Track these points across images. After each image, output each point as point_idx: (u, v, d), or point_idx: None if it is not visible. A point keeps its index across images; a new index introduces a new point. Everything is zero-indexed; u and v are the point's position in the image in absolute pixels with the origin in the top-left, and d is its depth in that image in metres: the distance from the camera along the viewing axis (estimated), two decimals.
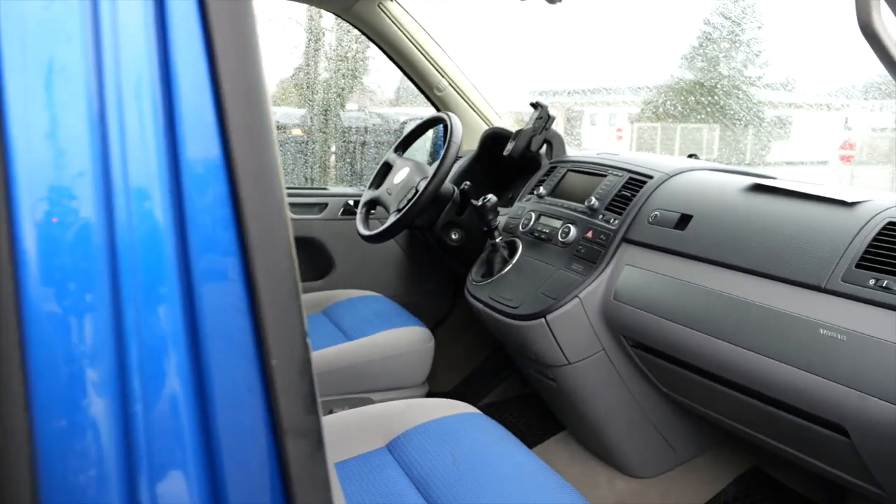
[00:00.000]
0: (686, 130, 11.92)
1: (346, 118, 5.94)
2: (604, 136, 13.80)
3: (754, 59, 13.47)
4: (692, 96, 11.38)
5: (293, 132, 5.69)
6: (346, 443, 1.34)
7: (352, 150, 5.05)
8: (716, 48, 12.61)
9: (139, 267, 0.45)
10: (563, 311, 1.53)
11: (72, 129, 0.43)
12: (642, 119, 13.57)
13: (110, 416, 0.45)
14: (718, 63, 13.06)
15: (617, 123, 14.21)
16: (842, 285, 1.11)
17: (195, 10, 0.48)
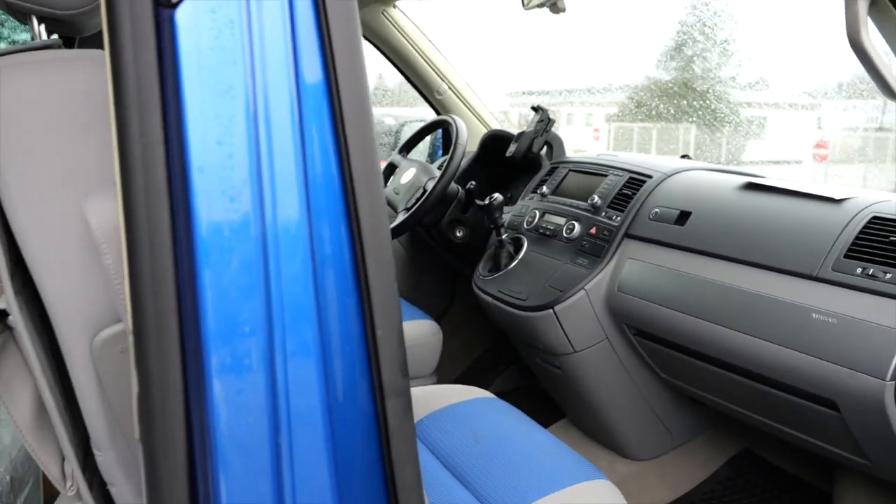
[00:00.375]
0: (662, 131, 12.12)
1: None
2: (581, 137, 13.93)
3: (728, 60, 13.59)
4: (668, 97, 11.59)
5: None
6: None
7: None
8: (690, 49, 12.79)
9: (282, 252, 0.55)
10: (570, 303, 1.64)
11: (236, 138, 0.52)
12: (619, 119, 13.76)
13: (262, 373, 0.55)
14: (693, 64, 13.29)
15: (594, 123, 14.34)
16: (832, 274, 1.23)
17: (317, 44, 0.57)
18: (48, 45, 0.80)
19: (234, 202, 0.53)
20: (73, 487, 0.78)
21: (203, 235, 0.52)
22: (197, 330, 0.52)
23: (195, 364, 0.53)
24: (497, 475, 1.23)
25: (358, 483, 0.62)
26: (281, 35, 0.55)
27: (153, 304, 0.53)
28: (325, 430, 0.58)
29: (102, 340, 0.72)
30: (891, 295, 1.14)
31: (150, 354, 0.54)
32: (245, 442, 0.54)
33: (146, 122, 0.53)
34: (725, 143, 11.40)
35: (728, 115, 10.93)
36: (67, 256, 0.70)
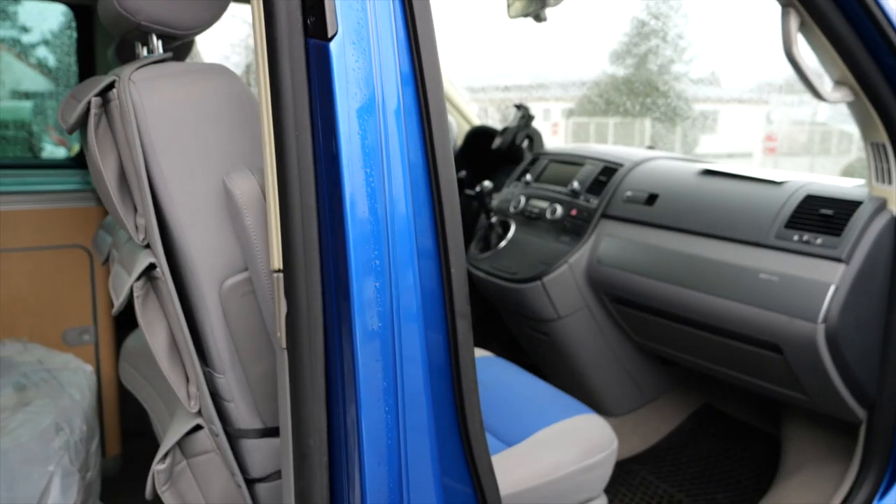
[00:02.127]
0: (619, 125, 12.48)
1: None
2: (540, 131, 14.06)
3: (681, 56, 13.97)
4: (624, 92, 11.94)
5: None
6: None
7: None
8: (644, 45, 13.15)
9: (395, 210, 0.80)
10: (556, 275, 1.91)
11: (368, 129, 0.77)
12: (576, 114, 14.07)
13: (384, 288, 0.80)
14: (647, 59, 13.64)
15: (552, 118, 14.64)
16: (775, 241, 1.52)
17: (407, 58, 0.83)
18: (165, 59, 1.03)
19: (368, 175, 0.78)
20: (196, 405, 1.02)
21: (348, 199, 0.77)
22: (340, 265, 0.77)
23: (337, 291, 0.78)
24: (503, 413, 1.49)
25: (438, 378, 0.87)
26: (392, 60, 0.80)
27: (302, 249, 0.78)
28: (421, 335, 0.83)
29: (229, 286, 0.96)
30: (820, 255, 1.44)
31: (299, 285, 0.79)
32: (371, 352, 0.79)
33: (299, 121, 0.77)
34: (680, 137, 11.83)
35: (682, 109, 11.38)
36: (205, 220, 0.94)
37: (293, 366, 0.80)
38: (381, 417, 0.79)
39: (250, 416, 1.01)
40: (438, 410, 0.86)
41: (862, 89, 1.37)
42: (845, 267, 1.41)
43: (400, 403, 0.81)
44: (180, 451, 1.04)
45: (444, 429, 0.88)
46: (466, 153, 2.62)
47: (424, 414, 0.84)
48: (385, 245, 0.79)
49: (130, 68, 0.95)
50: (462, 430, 0.91)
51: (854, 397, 1.51)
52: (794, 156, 9.07)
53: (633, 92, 11.83)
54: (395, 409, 0.81)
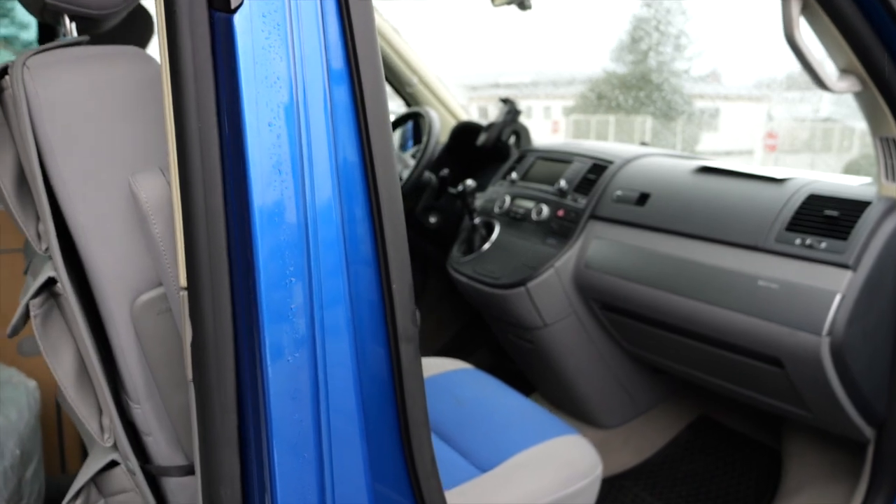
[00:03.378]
0: (619, 123, 12.38)
1: None
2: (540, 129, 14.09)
3: (682, 53, 13.96)
4: (625, 89, 11.87)
5: None
6: None
7: None
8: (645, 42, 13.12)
9: (319, 219, 0.67)
10: (541, 280, 1.77)
11: (283, 122, 0.64)
12: (577, 112, 13.99)
13: (304, 311, 0.66)
14: (648, 57, 13.60)
15: (553, 116, 14.53)
16: (775, 245, 1.38)
17: (340, 43, 0.69)
18: (79, 42, 0.89)
19: (282, 175, 0.64)
20: (111, 439, 0.88)
21: (256, 203, 0.63)
22: (251, 282, 0.64)
23: (248, 314, 0.64)
24: (479, 434, 1.36)
25: (377, 414, 0.74)
26: (315, 36, 0.66)
27: (208, 264, 0.65)
28: (353, 366, 0.70)
29: (142, 304, 0.82)
30: (825, 261, 1.30)
31: (205, 307, 0.65)
32: (288, 381, 0.65)
33: (203, 109, 0.64)
34: (680, 135, 11.71)
35: (682, 107, 11.26)
36: (113, 227, 0.80)
37: (201, 401, 0.67)
38: (300, 467, 0.66)
39: (172, 451, 0.88)
40: (378, 452, 0.73)
41: (870, 78, 1.24)
42: (852, 274, 1.27)
43: (325, 448, 0.68)
44: (96, 489, 0.91)
45: (386, 472, 0.74)
46: (452, 150, 2.48)
47: (359, 458, 0.71)
48: (304, 259, 0.66)
49: (28, 53, 0.81)
50: (410, 471, 0.77)
51: (861, 415, 1.38)
52: (796, 153, 8.92)
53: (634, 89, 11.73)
54: (319, 455, 0.67)
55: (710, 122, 11.54)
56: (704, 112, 11.64)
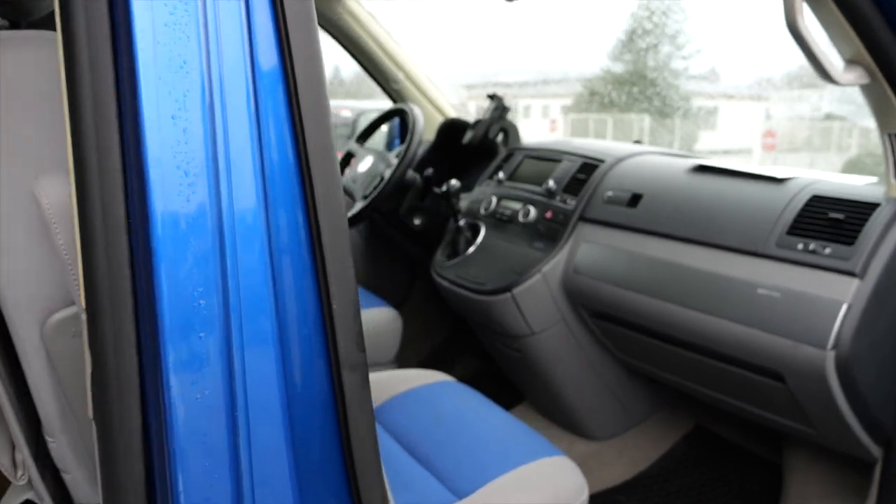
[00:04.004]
0: (617, 122, 12.28)
1: None
2: (538, 127, 13.99)
3: (680, 52, 13.86)
4: (622, 88, 11.77)
5: None
6: None
7: None
8: (643, 41, 13.03)
9: (238, 231, 0.56)
10: (528, 286, 1.67)
11: (192, 113, 0.53)
12: (575, 110, 13.90)
13: (219, 354, 0.56)
14: (646, 56, 13.50)
15: (551, 115, 14.45)
16: (775, 250, 1.28)
17: (271, 20, 0.58)
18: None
19: (189, 176, 0.53)
20: (25, 476, 0.78)
21: (159, 213, 0.52)
22: (153, 308, 0.53)
23: (151, 343, 0.53)
24: (457, 455, 1.25)
25: (317, 459, 0.63)
26: (236, 14, 0.56)
27: (108, 283, 0.54)
28: (282, 405, 0.59)
29: (54, 324, 0.72)
30: (830, 268, 1.19)
31: (105, 333, 0.54)
32: (199, 422, 0.55)
33: (100, 100, 0.53)
34: (678, 133, 11.61)
35: (680, 105, 11.16)
36: (17, 238, 0.70)
37: (103, 443, 0.56)
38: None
39: (92, 490, 0.77)
40: (315, 499, 0.62)
41: (879, 69, 1.13)
42: (859, 282, 1.16)
43: (246, 493, 0.57)
44: None
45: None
46: (439, 148, 2.37)
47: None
48: (218, 278, 0.55)
49: None
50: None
51: (868, 434, 1.27)
52: (795, 151, 8.80)
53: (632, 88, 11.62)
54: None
55: (708, 120, 11.44)
56: (703, 111, 11.55)
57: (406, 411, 1.41)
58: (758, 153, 8.49)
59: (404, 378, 1.52)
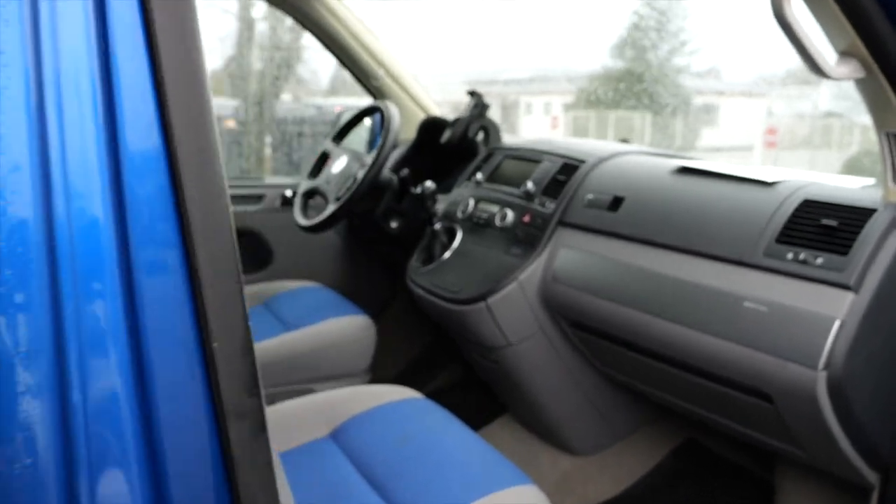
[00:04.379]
0: (619, 118, 12.19)
1: (281, 109, 5.87)
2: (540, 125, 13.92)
3: (681, 49, 13.71)
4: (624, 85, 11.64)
5: (226, 124, 5.59)
6: (289, 432, 1.34)
7: (288, 141, 4.99)
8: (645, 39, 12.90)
9: (78, 262, 0.46)
10: (504, 295, 1.56)
11: (9, 115, 0.43)
12: (577, 107, 13.81)
13: (48, 412, 0.45)
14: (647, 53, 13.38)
15: (552, 112, 14.37)
16: (763, 259, 1.17)
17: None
18: None
19: (6, 195, 0.43)
20: None
21: None
22: None
23: None
24: (418, 481, 1.15)
25: None
26: None
27: None
28: (142, 466, 0.49)
29: None
30: (822, 280, 1.09)
31: None
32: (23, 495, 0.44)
33: None
34: (680, 131, 11.52)
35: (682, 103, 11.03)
36: None
37: None
38: None
39: None
40: None
41: (875, 62, 1.02)
42: (854, 296, 1.06)
43: None
44: None
45: None
46: (419, 148, 2.26)
47: None
48: (48, 324, 0.45)
49: None
50: None
51: (863, 458, 1.17)
52: (796, 149, 8.65)
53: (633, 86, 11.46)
54: None
55: (709, 118, 11.33)
56: (704, 108, 11.45)
57: (368, 431, 1.31)
58: (759, 151, 8.37)
59: (370, 394, 1.41)
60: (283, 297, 2.10)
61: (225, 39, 6.09)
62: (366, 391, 1.44)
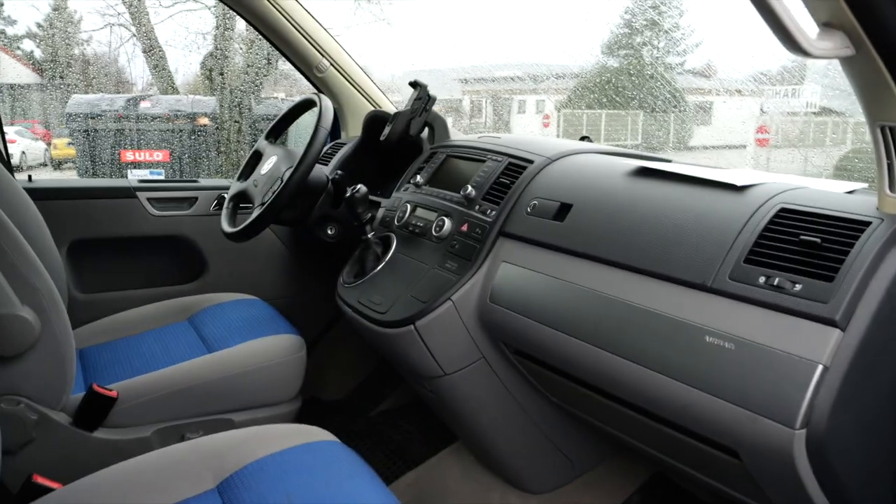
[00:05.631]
0: (611, 117, 12.02)
1: (266, 106, 5.63)
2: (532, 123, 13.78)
3: (675, 47, 13.62)
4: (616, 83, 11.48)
5: (199, 121, 5.35)
6: (169, 484, 1.10)
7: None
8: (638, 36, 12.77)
9: None
10: (435, 317, 1.32)
11: None
12: (569, 106, 13.66)
13: None
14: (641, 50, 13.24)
15: (544, 110, 14.23)
16: (729, 284, 0.93)
17: None
18: None
19: None
20: None
21: None
22: None
23: None
24: None
25: None
26: None
27: None
28: None
29: None
30: (801, 313, 0.85)
31: None
32: None
33: None
34: (673, 129, 11.31)
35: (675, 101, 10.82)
36: None
37: None
38: None
39: None
40: None
41: (867, 35, 0.78)
42: (840, 334, 0.82)
43: None
44: None
45: None
46: (364, 146, 2.02)
47: None
48: None
49: None
50: None
51: None
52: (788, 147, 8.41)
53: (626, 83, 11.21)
54: None
55: (702, 116, 11.10)
56: (697, 106, 11.20)
57: (256, 486, 1.07)
58: (751, 149, 8.13)
59: (266, 438, 1.17)
60: (211, 313, 1.86)
61: (208, 35, 5.86)
62: (266, 433, 1.20)
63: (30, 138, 5.50)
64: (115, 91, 5.53)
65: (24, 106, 5.49)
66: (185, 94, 5.50)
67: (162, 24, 5.55)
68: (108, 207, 2.06)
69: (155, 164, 5.03)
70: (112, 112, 5.09)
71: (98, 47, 5.58)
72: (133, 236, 2.08)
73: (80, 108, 5.06)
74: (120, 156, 5.04)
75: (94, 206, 2.04)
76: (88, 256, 2.06)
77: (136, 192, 2.08)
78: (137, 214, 2.07)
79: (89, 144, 5.00)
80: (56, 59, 5.20)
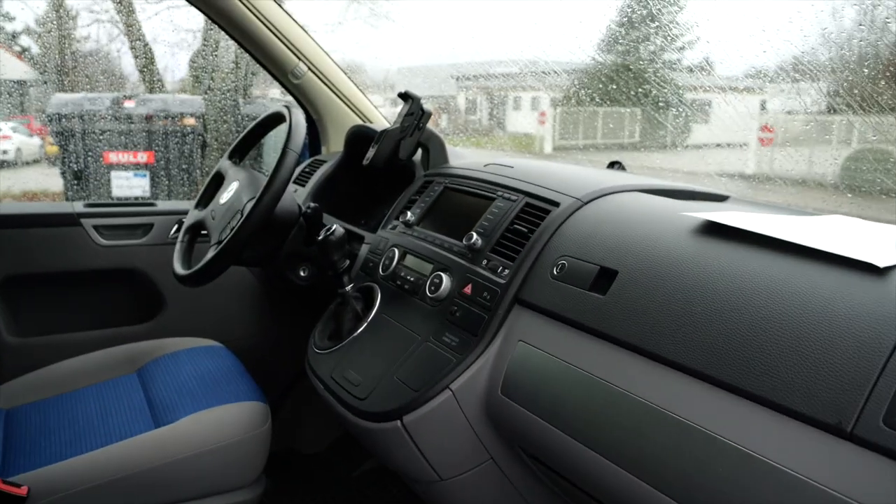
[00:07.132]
0: (608, 115, 11.66)
1: (256, 106, 5.26)
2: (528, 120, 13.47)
3: (673, 43, 13.22)
4: (613, 80, 11.12)
5: (186, 121, 4.99)
6: None
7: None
8: (635, 32, 12.38)
9: None
10: (428, 410, 0.97)
11: None
12: (565, 103, 13.32)
13: None
14: (638, 46, 12.85)
15: (540, 107, 13.91)
16: (883, 433, 0.58)
17: None
18: None
19: None
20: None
21: None
22: None
23: None
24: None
25: None
26: None
27: None
28: None
29: None
30: None
31: None
32: None
33: None
34: (671, 127, 10.95)
35: (673, 98, 10.46)
36: None
37: None
38: None
39: None
40: None
41: None
42: None
43: None
44: None
45: None
46: (345, 169, 1.67)
47: None
48: None
49: None
50: None
51: None
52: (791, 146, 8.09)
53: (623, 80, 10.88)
54: None
55: (702, 114, 10.73)
56: (696, 103, 10.85)
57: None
58: (754, 148, 7.78)
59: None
60: (164, 365, 1.50)
61: (198, 33, 5.49)
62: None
63: (25, 134, 5.24)
64: (108, 89, 5.21)
65: (21, 102, 5.20)
66: (173, 94, 5.16)
67: (149, 21, 5.21)
68: (48, 237, 1.70)
69: (139, 167, 4.70)
70: (95, 112, 4.75)
71: (89, 45, 5.26)
72: (77, 270, 1.73)
73: (62, 108, 4.72)
74: (103, 157, 4.71)
75: (30, 235, 1.69)
76: (24, 294, 1.70)
77: (81, 219, 1.72)
78: (82, 244, 1.72)
79: (73, 146, 4.67)
80: (49, 55, 4.89)
